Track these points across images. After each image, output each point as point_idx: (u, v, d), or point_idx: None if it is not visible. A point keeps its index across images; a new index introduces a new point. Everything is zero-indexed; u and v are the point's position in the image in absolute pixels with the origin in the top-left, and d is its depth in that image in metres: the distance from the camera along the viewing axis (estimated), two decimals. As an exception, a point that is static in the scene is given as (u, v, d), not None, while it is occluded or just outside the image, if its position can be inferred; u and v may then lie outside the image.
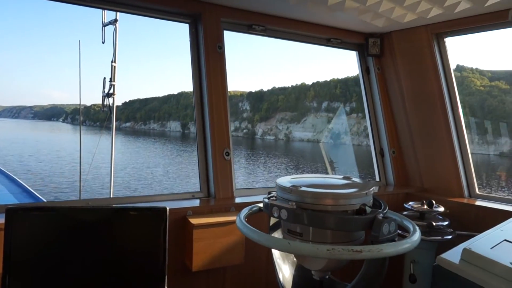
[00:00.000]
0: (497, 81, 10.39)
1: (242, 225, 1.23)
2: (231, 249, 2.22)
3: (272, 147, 25.00)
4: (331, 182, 1.36)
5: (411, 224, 1.27)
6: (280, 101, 26.82)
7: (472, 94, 10.79)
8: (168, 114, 34.70)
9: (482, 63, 17.23)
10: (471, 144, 2.72)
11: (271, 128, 26.14)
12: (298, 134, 23.80)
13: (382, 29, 3.01)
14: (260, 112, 27.55)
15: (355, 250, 1.01)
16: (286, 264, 1.53)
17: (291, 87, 26.71)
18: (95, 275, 1.78)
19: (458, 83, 3.00)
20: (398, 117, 3.23)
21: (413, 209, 2.60)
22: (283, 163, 20.85)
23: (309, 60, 73.34)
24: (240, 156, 22.77)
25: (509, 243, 1.29)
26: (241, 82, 73.01)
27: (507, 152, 9.57)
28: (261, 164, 21.28)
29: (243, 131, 27.74)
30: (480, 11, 2.53)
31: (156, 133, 34.31)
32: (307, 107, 25.06)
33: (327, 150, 19.82)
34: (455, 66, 9.70)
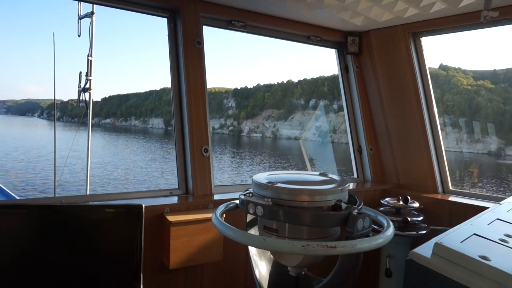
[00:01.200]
0: (482, 81, 10.64)
1: (217, 222, 1.22)
2: (209, 246, 2.21)
3: (259, 144, 24.79)
4: (307, 179, 1.36)
5: (385, 219, 1.29)
6: (267, 98, 26.66)
7: (460, 93, 11.02)
8: (150, 110, 34.02)
9: (464, 63, 17.90)
10: (460, 142, 2.80)
11: (257, 125, 25.98)
12: (285, 132, 23.74)
13: (361, 27, 3.05)
14: (246, 109, 27.29)
15: (330, 246, 1.02)
16: (263, 261, 1.53)
17: (277, 84, 26.50)
18: (68, 275, 1.73)
19: (445, 82, 3.08)
20: (376, 115, 3.28)
21: (389, 205, 2.66)
22: (270, 161, 20.79)
23: (295, 57, 73.82)
24: (225, 153, 22.55)
25: (478, 237, 1.33)
26: (225, 78, 72.55)
27: (494, 151, 9.82)
28: (247, 162, 21.14)
29: (229, 129, 27.43)
30: (454, 12, 2.60)
31: (138, 130, 33.60)
32: (294, 104, 25.03)
33: (306, 148, 19.95)
34: (439, 65, 9.82)
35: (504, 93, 10.04)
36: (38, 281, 1.69)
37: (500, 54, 19.94)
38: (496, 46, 19.65)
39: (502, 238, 1.32)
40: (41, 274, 1.68)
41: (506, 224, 1.51)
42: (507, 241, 1.30)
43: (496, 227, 1.46)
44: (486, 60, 23.97)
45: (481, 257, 1.13)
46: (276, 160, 20.07)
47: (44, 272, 1.69)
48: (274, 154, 22.25)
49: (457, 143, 10.51)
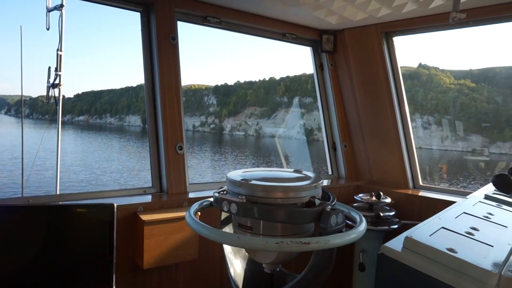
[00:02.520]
0: (463, 80, 10.90)
1: (191, 221, 1.20)
2: (184, 245, 2.18)
3: (242, 143, 24.38)
4: (282, 176, 1.36)
5: (358, 215, 1.31)
6: (249, 95, 26.11)
7: (444, 91, 11.25)
8: (126, 107, 32.91)
9: (441, 63, 18.47)
10: (445, 140, 2.87)
11: (240, 123, 25.47)
12: (269, 130, 23.42)
13: (336, 26, 3.08)
14: (227, 106, 26.70)
15: (303, 242, 1.02)
16: (238, 259, 1.53)
17: (259, 81, 26.06)
18: (37, 276, 1.66)
19: (428, 80, 3.16)
20: (350, 112, 3.33)
21: (363, 200, 2.71)
22: (252, 159, 20.57)
23: (277, 54, 73.47)
24: (206, 151, 22.17)
25: (446, 230, 1.37)
26: (204, 75, 71.87)
27: (479, 149, 10.06)
28: (229, 160, 20.81)
29: (210, 126, 26.80)
30: (425, 13, 2.67)
31: (114, 128, 32.44)
32: (278, 102, 24.70)
33: (282, 145, 20.03)
34: (418, 64, 9.97)
35: (485, 92, 10.33)
36: (5, 282, 1.61)
37: (475, 54, 20.70)
38: (471, 47, 20.59)
39: (468, 231, 1.37)
40: (7, 277, 1.61)
41: (471, 218, 1.57)
42: (472, 234, 1.35)
43: (463, 221, 1.51)
44: (461, 60, 24.92)
45: (448, 249, 1.17)
46: (258, 158, 19.99)
47: (11, 274, 1.62)
48: (257, 152, 22.10)
49: (442, 141, 10.75)
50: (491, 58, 18.10)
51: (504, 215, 1.68)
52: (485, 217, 1.59)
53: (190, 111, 26.32)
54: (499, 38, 13.76)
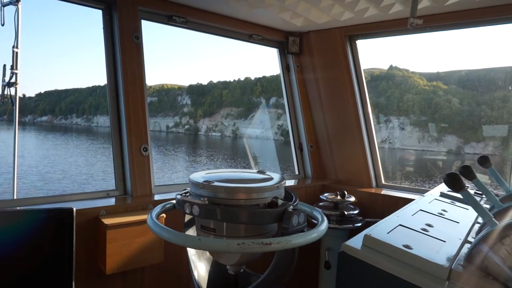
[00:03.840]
0: (435, 82, 11.26)
1: (152, 224, 1.18)
2: (149, 248, 2.14)
3: (218, 144, 23.80)
4: (244, 177, 1.37)
5: (320, 214, 1.34)
6: (225, 95, 25.54)
7: (419, 93, 11.58)
8: (94, 107, 31.39)
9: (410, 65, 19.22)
10: (422, 141, 2.96)
11: (216, 124, 24.87)
12: (246, 131, 23.05)
13: (301, 28, 3.13)
14: (202, 107, 25.97)
15: (265, 243, 1.03)
16: (202, 261, 1.52)
17: (234, 81, 25.60)
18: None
19: (402, 82, 3.25)
20: (316, 113, 3.40)
21: (328, 199, 2.77)
22: (228, 160, 20.19)
23: (251, 54, 73.32)
24: (180, 152, 21.61)
25: (403, 227, 1.43)
26: (177, 75, 70.19)
27: (454, 149, 10.38)
28: (204, 162, 20.33)
29: (185, 127, 25.98)
30: (385, 18, 2.77)
31: (81, 129, 30.86)
32: (255, 102, 24.36)
33: (251, 145, 19.99)
34: (389, 66, 10.22)
35: (458, 94, 10.72)
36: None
37: (441, 57, 21.61)
38: (438, 50, 21.48)
39: (423, 228, 1.44)
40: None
41: (427, 215, 1.64)
42: (427, 230, 1.42)
43: (419, 218, 1.58)
44: (428, 63, 25.97)
45: (404, 246, 1.22)
46: (234, 159, 19.73)
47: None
48: (233, 153, 21.72)
49: (419, 142, 11.08)
50: (456, 61, 19.17)
51: (456, 211, 1.77)
52: (439, 214, 1.67)
53: (163, 111, 25.62)
54: (463, 42, 14.59)
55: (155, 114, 25.51)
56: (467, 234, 1.43)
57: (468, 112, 10.21)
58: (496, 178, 1.69)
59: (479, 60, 14.85)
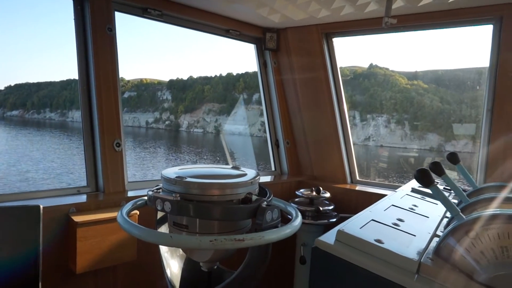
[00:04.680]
0: (416, 81, 11.45)
1: (122, 221, 1.15)
2: (122, 246, 2.09)
3: (199, 140, 23.24)
4: (218, 172, 1.35)
5: (294, 210, 1.34)
6: (206, 91, 24.93)
7: (401, 91, 11.75)
8: (69, 102, 30.20)
9: (389, 64, 19.38)
10: (404, 139, 3.00)
11: (197, 120, 24.22)
12: (228, 127, 22.65)
13: (279, 24, 3.13)
14: (184, 102, 25.27)
15: (238, 239, 1.02)
16: (175, 259, 1.49)
17: (216, 77, 25.04)
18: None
19: (384, 81, 3.29)
20: (292, 110, 3.41)
21: (303, 195, 2.79)
22: (209, 157, 19.82)
23: (233, 50, 72.21)
24: (160, 147, 21.07)
25: (375, 222, 1.45)
26: (156, 69, 68.40)
27: (435, 147, 10.56)
28: (185, 158, 19.88)
29: (165, 123, 25.25)
30: (361, 16, 2.81)
31: (55, 124, 29.63)
32: (237, 98, 23.97)
33: (232, 142, 19.82)
34: (369, 64, 10.30)
35: (438, 93, 10.95)
36: None
37: (418, 56, 22.05)
38: (415, 49, 22.01)
39: (394, 222, 1.47)
40: None
41: (399, 210, 1.68)
42: (398, 225, 1.44)
43: (391, 213, 1.61)
44: (406, 62, 26.45)
45: (376, 240, 1.23)
46: (218, 156, 19.42)
47: None
48: (216, 150, 21.33)
49: (402, 140, 11.28)
50: (432, 61, 19.72)
51: (427, 206, 1.82)
52: (410, 209, 1.71)
53: (143, 106, 25.00)
54: (438, 43, 15.05)
55: (134, 109, 24.86)
56: (436, 228, 1.47)
57: (448, 111, 10.49)
58: (464, 174, 1.74)
59: (454, 61, 15.38)
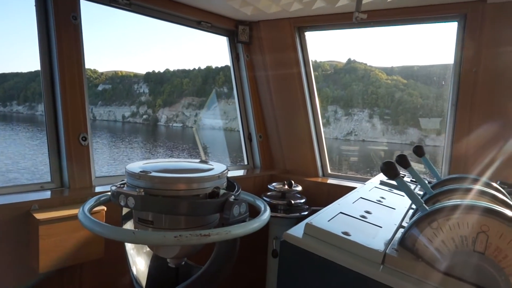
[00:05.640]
0: (395, 76, 11.60)
1: (83, 218, 1.10)
2: (88, 243, 2.02)
3: (179, 135, 22.50)
4: (185, 166, 1.32)
5: (262, 204, 1.33)
6: (185, 84, 24.19)
7: (382, 86, 11.88)
8: (38, 94, 28.70)
9: (367, 59, 19.58)
10: (386, 133, 3.03)
11: (176, 114, 23.52)
12: (208, 122, 22.11)
13: (251, 17, 3.10)
14: (162, 96, 24.40)
15: (203, 235, 1.00)
16: (141, 256, 1.46)
17: (195, 70, 24.27)
18: None
19: (364, 76, 3.31)
20: (265, 104, 3.41)
21: (276, 189, 2.80)
22: (187, 152, 19.35)
23: (211, 44, 70.90)
24: (137, 143, 20.39)
25: (343, 215, 1.47)
26: (131, 61, 66.08)
27: (416, 141, 10.73)
28: (161, 153, 19.29)
29: (143, 117, 24.32)
30: (332, 11, 2.82)
31: (23, 117, 28.08)
32: (217, 92, 23.40)
33: (200, 135, 19.54)
34: (347, 59, 10.38)
35: (417, 88, 11.16)
36: None
37: (394, 52, 22.42)
38: (390, 45, 22.29)
39: (362, 215, 1.49)
40: None
41: (367, 202, 1.71)
42: (366, 217, 1.47)
43: (359, 205, 1.64)
44: (383, 58, 26.84)
45: (343, 233, 1.25)
46: (195, 151, 18.96)
47: None
48: (196, 145, 20.80)
49: (383, 134, 11.45)
50: (408, 57, 20.22)
51: (394, 198, 1.86)
52: (378, 201, 1.74)
53: (119, 100, 24.14)
54: (412, 39, 15.43)
55: (109, 102, 23.99)
56: (402, 220, 1.51)
57: (428, 106, 10.74)
58: (429, 167, 1.79)
59: (429, 56, 15.89)
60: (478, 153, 2.54)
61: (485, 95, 2.47)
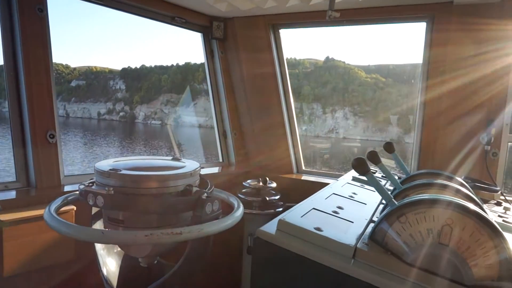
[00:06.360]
0: (374, 74, 11.72)
1: (48, 218, 1.06)
2: (58, 245, 1.95)
3: (157, 133, 21.73)
4: (156, 164, 1.30)
5: (236, 201, 1.33)
6: (164, 81, 23.46)
7: (362, 84, 11.97)
8: (3, 89, 27.19)
9: (344, 57, 19.63)
10: (367, 131, 3.05)
11: (155, 111, 22.79)
12: (188, 119, 21.55)
13: (226, 13, 3.08)
14: (139, 92, 23.57)
15: (175, 233, 0.99)
16: (112, 256, 1.42)
17: (173, 66, 23.59)
18: None
19: (344, 74, 3.33)
20: (240, 101, 3.40)
21: (250, 186, 2.80)
22: (165, 150, 18.80)
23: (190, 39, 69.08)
24: (114, 141, 19.66)
25: (316, 210, 1.49)
26: (106, 57, 63.73)
27: (395, 138, 10.88)
28: (139, 152, 18.66)
29: (120, 114, 23.39)
30: (306, 9, 2.84)
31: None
32: (197, 89, 22.86)
33: (174, 133, 19.22)
34: (325, 57, 10.43)
35: (396, 86, 11.32)
36: None
37: (370, 51, 22.77)
38: (366, 43, 22.56)
39: (334, 210, 1.51)
40: None
41: (339, 198, 1.74)
42: (338, 213, 1.49)
43: (331, 201, 1.67)
44: (360, 56, 27.11)
45: (316, 228, 1.26)
46: (173, 149, 18.40)
47: None
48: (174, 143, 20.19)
49: (364, 132, 11.57)
50: (383, 56, 20.67)
51: (365, 194, 1.91)
52: (350, 197, 1.78)
53: (93, 96, 23.25)
54: (389, 38, 15.77)
55: (83, 99, 23.09)
56: (373, 215, 1.55)
57: (406, 105, 10.94)
58: (398, 163, 1.85)
59: (403, 56, 16.35)
60: (445, 149, 2.64)
61: (451, 94, 2.57)
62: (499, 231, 1.01)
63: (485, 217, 1.02)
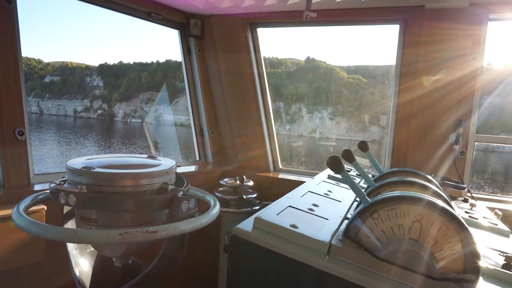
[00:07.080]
0: (355, 75, 11.81)
1: (17, 217, 1.02)
2: (27, 245, 1.89)
3: (137, 131, 21.10)
4: (131, 162, 1.28)
5: (212, 199, 1.32)
6: (144, 78, 22.81)
7: (344, 85, 12.03)
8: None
9: (325, 58, 19.74)
10: (350, 131, 3.08)
11: (135, 109, 22.11)
12: (169, 118, 21.04)
13: (203, 11, 3.06)
14: (118, 90, 22.78)
15: (150, 231, 0.98)
16: (85, 256, 1.39)
17: (153, 63, 22.98)
18: None
19: (326, 74, 3.34)
20: (217, 99, 3.38)
21: (228, 184, 2.80)
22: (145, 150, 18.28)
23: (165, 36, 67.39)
24: (89, 140, 18.95)
25: (292, 208, 1.51)
26: (82, 53, 61.08)
27: (378, 138, 10.98)
28: (119, 151, 18.05)
29: (97, 112, 22.53)
30: (284, 8, 2.86)
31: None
32: (178, 87, 22.40)
33: (151, 131, 18.89)
34: (306, 57, 10.44)
35: (377, 87, 11.44)
36: None
37: (349, 51, 22.98)
38: (345, 44, 22.74)
39: (310, 208, 1.54)
40: None
41: (314, 195, 1.77)
42: (313, 210, 1.52)
43: (307, 199, 1.69)
44: (339, 57, 27.21)
45: (291, 225, 1.28)
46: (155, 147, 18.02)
47: None
48: (154, 142, 19.70)
49: (347, 132, 11.65)
50: (362, 57, 20.92)
51: (340, 191, 1.94)
52: (325, 194, 1.81)
53: (69, 93, 22.35)
54: (367, 39, 16.00)
55: (58, 96, 22.16)
56: (347, 212, 1.58)
57: (386, 105, 11.13)
58: (372, 161, 1.90)
59: (380, 57, 16.67)
60: (416, 148, 2.73)
61: (423, 95, 2.66)
62: (465, 226, 1.05)
63: (452, 213, 1.07)
